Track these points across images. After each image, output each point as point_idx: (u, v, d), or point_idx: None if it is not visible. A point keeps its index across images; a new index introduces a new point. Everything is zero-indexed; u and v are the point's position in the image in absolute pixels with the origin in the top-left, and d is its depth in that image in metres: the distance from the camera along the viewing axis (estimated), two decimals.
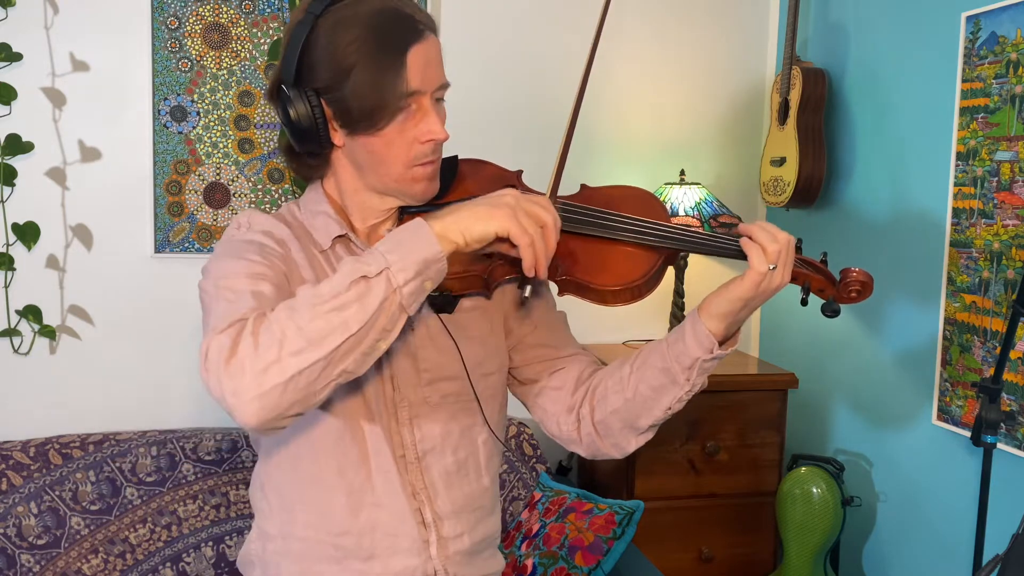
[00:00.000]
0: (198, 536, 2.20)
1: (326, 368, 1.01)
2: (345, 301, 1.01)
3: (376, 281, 1.02)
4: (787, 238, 1.16)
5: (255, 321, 1.03)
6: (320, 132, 1.20)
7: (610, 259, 1.23)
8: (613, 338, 2.77)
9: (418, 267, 1.04)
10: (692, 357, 1.20)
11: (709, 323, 1.19)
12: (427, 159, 1.23)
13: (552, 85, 2.67)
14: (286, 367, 0.99)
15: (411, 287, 1.04)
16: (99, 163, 2.41)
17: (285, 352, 1.00)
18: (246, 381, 0.99)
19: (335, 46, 1.16)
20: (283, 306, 1.04)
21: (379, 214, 1.29)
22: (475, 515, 1.33)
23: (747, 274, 1.16)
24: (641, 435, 1.31)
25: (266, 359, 0.99)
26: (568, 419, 1.35)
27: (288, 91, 1.19)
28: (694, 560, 2.48)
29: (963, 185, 2.05)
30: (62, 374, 2.41)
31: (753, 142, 2.87)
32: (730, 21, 2.82)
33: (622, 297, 1.23)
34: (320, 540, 1.26)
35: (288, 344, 1.00)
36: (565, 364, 1.38)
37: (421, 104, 1.20)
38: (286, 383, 1.00)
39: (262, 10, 2.48)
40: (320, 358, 1.00)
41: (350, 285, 1.02)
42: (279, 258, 1.23)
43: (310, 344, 1.00)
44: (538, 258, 1.09)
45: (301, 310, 1.02)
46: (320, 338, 1.00)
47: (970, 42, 2.02)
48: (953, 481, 2.10)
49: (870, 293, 1.21)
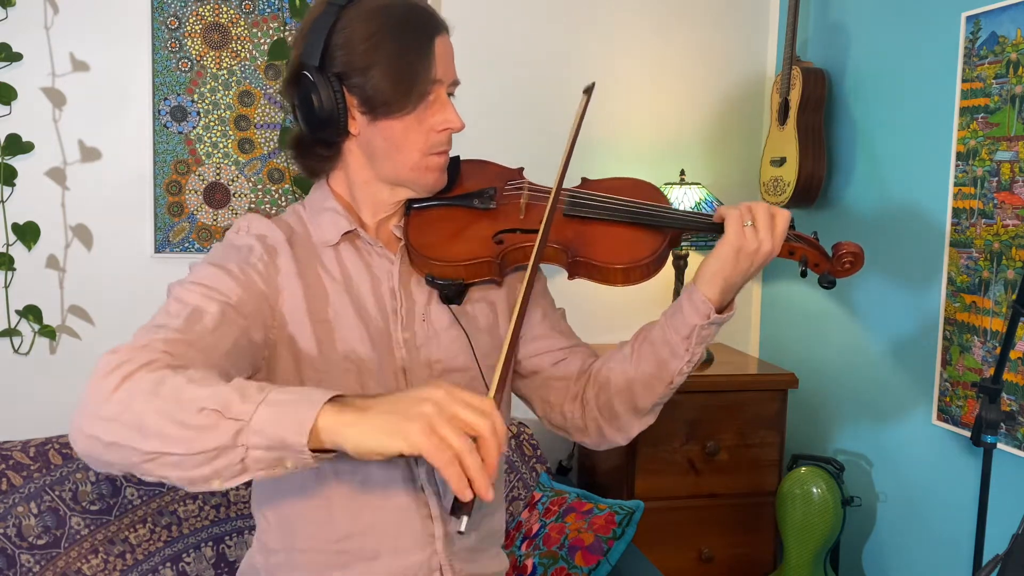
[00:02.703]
0: (198, 536, 2.20)
1: (145, 463, 0.95)
2: (187, 421, 0.92)
3: (226, 425, 0.91)
4: (765, 204, 1.22)
5: (137, 368, 0.97)
6: (340, 119, 1.22)
7: (618, 240, 1.28)
8: (613, 338, 2.77)
9: (273, 442, 0.91)
10: (690, 325, 1.24)
11: (704, 288, 1.23)
12: (441, 148, 1.26)
13: (551, 85, 2.67)
14: (114, 432, 0.94)
15: (260, 455, 0.92)
16: (99, 163, 2.41)
17: (122, 419, 0.94)
18: (88, 412, 0.96)
19: (363, 33, 1.19)
20: (157, 378, 0.95)
21: (389, 207, 1.30)
22: (481, 510, 1.32)
23: (726, 228, 1.21)
24: (644, 417, 1.33)
25: (108, 411, 0.95)
26: (573, 406, 1.36)
27: (312, 76, 1.20)
28: (694, 560, 2.48)
29: (963, 185, 2.05)
30: (62, 374, 2.41)
31: (753, 142, 2.87)
32: (730, 21, 2.82)
33: (632, 275, 1.27)
34: (322, 550, 1.25)
35: (127, 415, 0.94)
36: (567, 355, 1.39)
37: (439, 94, 1.24)
38: (108, 444, 0.95)
39: (262, 10, 2.48)
40: (140, 450, 0.94)
41: (201, 411, 0.92)
42: (260, 270, 1.20)
43: (139, 432, 0.93)
44: (471, 478, 0.88)
45: (160, 396, 0.94)
46: (147, 434, 0.93)
47: (970, 42, 2.02)
48: (953, 481, 2.10)
49: (862, 264, 1.27)
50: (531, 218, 1.29)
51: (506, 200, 1.33)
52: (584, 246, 1.27)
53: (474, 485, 0.88)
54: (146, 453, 0.94)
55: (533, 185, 1.36)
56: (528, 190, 1.35)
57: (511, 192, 1.35)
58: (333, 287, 1.25)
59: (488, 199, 1.32)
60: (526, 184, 1.36)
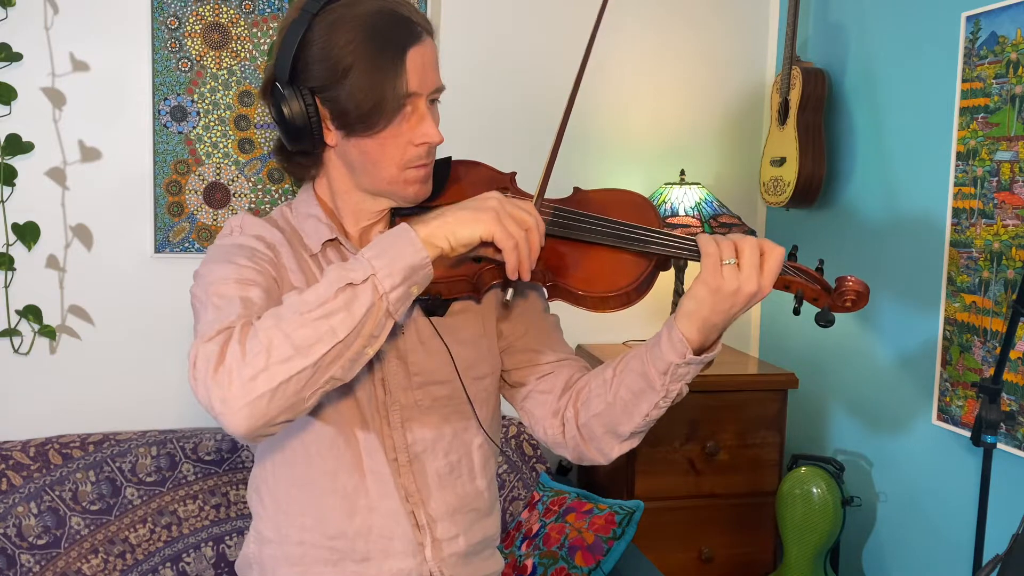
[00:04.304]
0: (198, 536, 2.20)
1: (314, 375, 1.01)
2: (332, 308, 1.01)
3: (363, 288, 1.02)
4: (756, 241, 1.11)
5: (242, 329, 1.02)
6: (314, 131, 1.20)
7: (598, 265, 1.21)
8: (612, 338, 2.77)
9: (404, 273, 1.04)
10: (666, 362, 1.16)
11: (682, 326, 1.14)
12: (421, 162, 1.22)
13: (547, 86, 2.66)
14: (274, 375, 0.99)
15: (397, 293, 1.04)
16: (99, 163, 2.41)
17: (273, 360, 0.99)
18: (234, 390, 0.99)
19: (333, 45, 1.16)
20: (270, 314, 1.03)
21: (371, 216, 1.29)
22: (470, 517, 1.33)
23: (702, 266, 1.12)
24: (624, 442, 1.28)
25: (254, 367, 0.99)
26: (553, 423, 1.33)
27: (283, 89, 1.18)
28: (694, 560, 2.48)
29: (963, 185, 2.05)
30: (62, 374, 2.41)
31: (753, 142, 2.87)
32: (730, 21, 2.82)
33: (611, 304, 1.20)
34: (316, 543, 1.26)
35: (275, 352, 0.99)
36: (553, 369, 1.36)
37: (417, 107, 1.20)
38: (274, 391, 0.99)
39: (262, 10, 2.48)
40: (308, 365, 1.00)
41: (337, 292, 1.02)
42: (269, 263, 1.22)
43: (297, 352, 1.00)
44: (522, 261, 1.10)
45: (288, 317, 1.01)
46: (307, 345, 1.00)
47: (970, 42, 2.02)
48: (953, 481, 2.10)
49: (866, 303, 1.19)
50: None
51: None
52: (562, 271, 1.21)
53: (522, 268, 1.11)
54: (315, 364, 1.01)
55: (521, 193, 1.31)
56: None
57: None
58: None
59: None
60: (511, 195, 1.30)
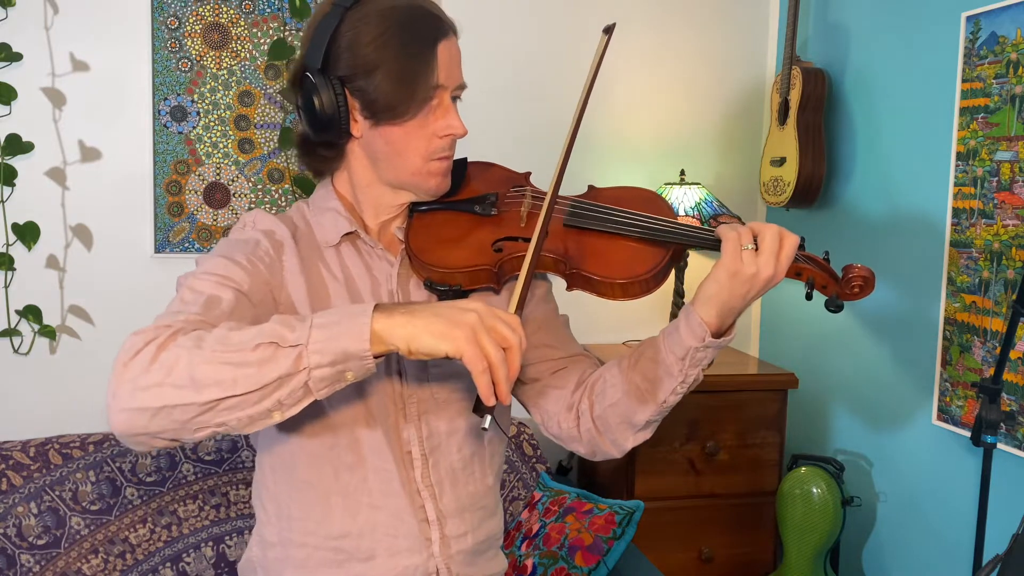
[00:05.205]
0: (198, 536, 2.20)
1: (201, 414, 0.99)
2: (244, 360, 0.98)
3: (285, 353, 0.98)
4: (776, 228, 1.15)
5: (168, 337, 1.01)
6: (342, 121, 1.22)
7: (618, 254, 1.25)
8: (613, 338, 2.77)
9: (336, 356, 0.99)
10: (685, 347, 1.19)
11: (701, 310, 1.18)
12: (444, 154, 1.26)
13: (556, 85, 2.67)
14: (163, 396, 0.97)
15: (324, 372, 0.99)
16: (99, 163, 2.41)
17: (168, 381, 0.97)
18: (125, 389, 0.98)
19: (364, 36, 1.20)
20: (195, 335, 1.01)
21: (391, 210, 1.31)
22: (478, 515, 1.33)
23: (723, 250, 1.15)
24: (639, 432, 1.30)
25: (150, 379, 0.98)
26: (568, 417, 1.34)
27: (313, 78, 1.21)
28: (694, 560, 2.48)
29: (963, 185, 2.05)
30: (62, 374, 2.41)
31: (753, 142, 2.87)
32: (730, 21, 2.82)
33: (630, 291, 1.24)
34: (319, 546, 1.26)
35: (175, 375, 0.98)
36: (567, 364, 1.38)
37: (443, 99, 1.24)
38: (157, 410, 0.98)
39: (262, 10, 2.48)
40: (196, 403, 0.98)
41: (257, 346, 0.98)
42: (266, 263, 1.23)
43: (192, 384, 0.97)
44: (498, 383, 0.99)
45: (205, 347, 0.99)
46: (204, 384, 0.97)
47: (970, 42, 2.02)
48: (953, 481, 2.10)
49: (872, 289, 1.22)
50: (532, 226, 1.27)
51: (507, 207, 1.32)
52: (582, 259, 1.25)
53: (499, 391, 0.99)
54: (203, 404, 0.98)
55: (536, 191, 1.34)
56: (531, 196, 1.33)
57: (513, 198, 1.33)
58: (334, 286, 1.26)
59: (489, 206, 1.31)
60: (529, 190, 1.34)
